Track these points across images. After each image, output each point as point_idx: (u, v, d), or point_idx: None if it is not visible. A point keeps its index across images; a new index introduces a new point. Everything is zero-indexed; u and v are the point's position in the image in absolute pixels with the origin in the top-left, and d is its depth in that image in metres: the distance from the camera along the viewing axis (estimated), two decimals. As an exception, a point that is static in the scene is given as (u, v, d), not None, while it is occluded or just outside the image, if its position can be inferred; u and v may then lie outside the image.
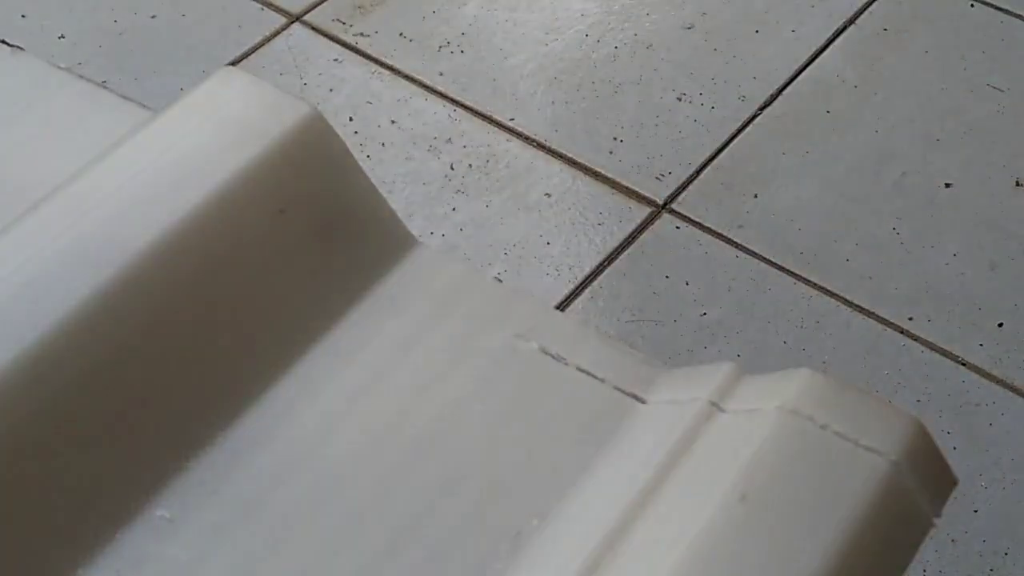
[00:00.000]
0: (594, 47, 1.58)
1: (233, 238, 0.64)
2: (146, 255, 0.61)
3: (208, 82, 0.69)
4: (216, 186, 0.64)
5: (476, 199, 1.41)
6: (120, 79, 1.53)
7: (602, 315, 1.31)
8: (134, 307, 0.61)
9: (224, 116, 0.68)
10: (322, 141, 0.68)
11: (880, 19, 1.62)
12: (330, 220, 0.69)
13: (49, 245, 0.61)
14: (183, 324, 0.63)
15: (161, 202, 0.63)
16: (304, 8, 1.63)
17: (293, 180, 0.67)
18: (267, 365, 0.65)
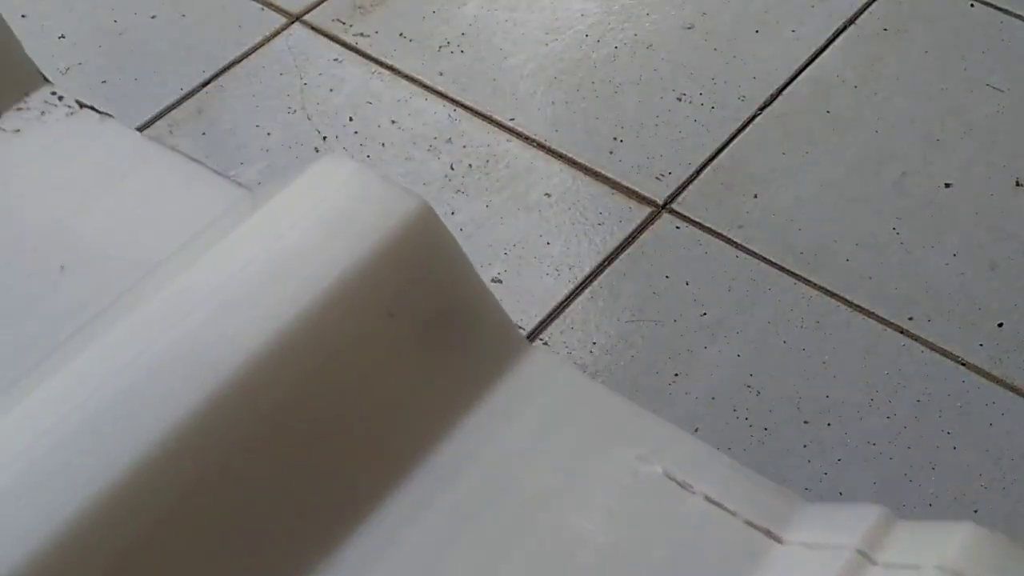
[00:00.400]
0: (594, 47, 1.58)
1: (340, 346, 0.59)
2: (248, 365, 0.57)
3: (313, 168, 0.65)
4: (324, 289, 0.59)
5: (476, 199, 1.40)
6: (120, 79, 1.53)
7: (602, 315, 1.31)
8: (232, 425, 0.57)
9: (331, 208, 0.63)
10: (434, 238, 0.64)
11: (880, 19, 1.62)
12: (440, 323, 0.64)
13: (152, 347, 0.58)
14: (285, 443, 0.59)
15: (267, 305, 0.59)
16: (304, 8, 1.63)
17: (404, 281, 0.63)
18: (372, 483, 0.60)
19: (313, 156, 1.44)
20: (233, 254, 0.62)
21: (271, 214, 0.63)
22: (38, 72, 0.79)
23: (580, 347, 1.27)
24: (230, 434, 0.57)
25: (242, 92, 1.53)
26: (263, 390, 0.58)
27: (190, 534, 0.55)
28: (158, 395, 0.56)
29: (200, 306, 0.59)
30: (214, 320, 0.58)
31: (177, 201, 0.71)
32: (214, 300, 0.59)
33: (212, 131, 1.48)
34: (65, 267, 0.68)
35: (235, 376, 0.57)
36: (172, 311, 0.59)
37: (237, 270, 0.60)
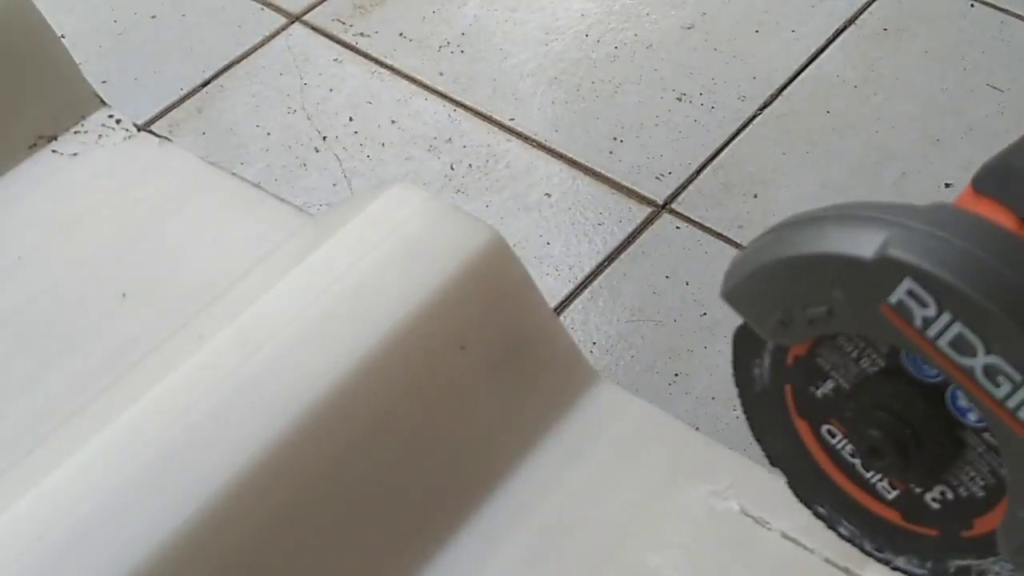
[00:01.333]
0: (594, 47, 1.58)
1: (413, 380, 0.58)
2: (322, 400, 0.56)
3: (382, 197, 0.64)
4: (397, 322, 0.58)
5: (476, 199, 1.40)
6: (120, 79, 1.53)
7: (602, 315, 1.31)
8: (305, 461, 0.56)
9: (402, 239, 0.62)
10: (505, 269, 0.63)
11: (880, 19, 1.62)
12: (510, 355, 0.63)
13: (226, 381, 0.57)
14: (358, 479, 0.57)
15: (339, 340, 0.58)
16: (304, 8, 1.63)
17: (476, 313, 0.62)
18: (445, 518, 0.59)
19: (313, 156, 1.44)
20: (304, 286, 0.61)
21: (342, 244, 0.62)
22: (95, 95, 0.78)
23: (580, 347, 1.27)
24: (303, 470, 0.56)
25: (242, 92, 1.53)
26: (337, 426, 0.57)
27: (263, 570, 0.55)
28: (232, 431, 0.55)
29: (273, 339, 0.58)
30: (287, 354, 0.58)
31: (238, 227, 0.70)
32: (287, 333, 0.59)
33: (212, 131, 1.48)
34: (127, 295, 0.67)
35: (308, 412, 0.56)
36: (245, 343, 0.58)
37: (309, 303, 0.60)
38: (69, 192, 0.72)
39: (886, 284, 0.48)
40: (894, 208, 0.49)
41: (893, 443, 0.52)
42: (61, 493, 0.53)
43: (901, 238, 0.47)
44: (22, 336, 0.65)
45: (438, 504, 0.59)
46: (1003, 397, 0.47)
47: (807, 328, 0.53)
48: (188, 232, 0.69)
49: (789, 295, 0.52)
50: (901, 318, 0.48)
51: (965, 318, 0.46)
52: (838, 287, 0.50)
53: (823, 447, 0.59)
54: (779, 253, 0.52)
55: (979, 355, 0.47)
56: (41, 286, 0.67)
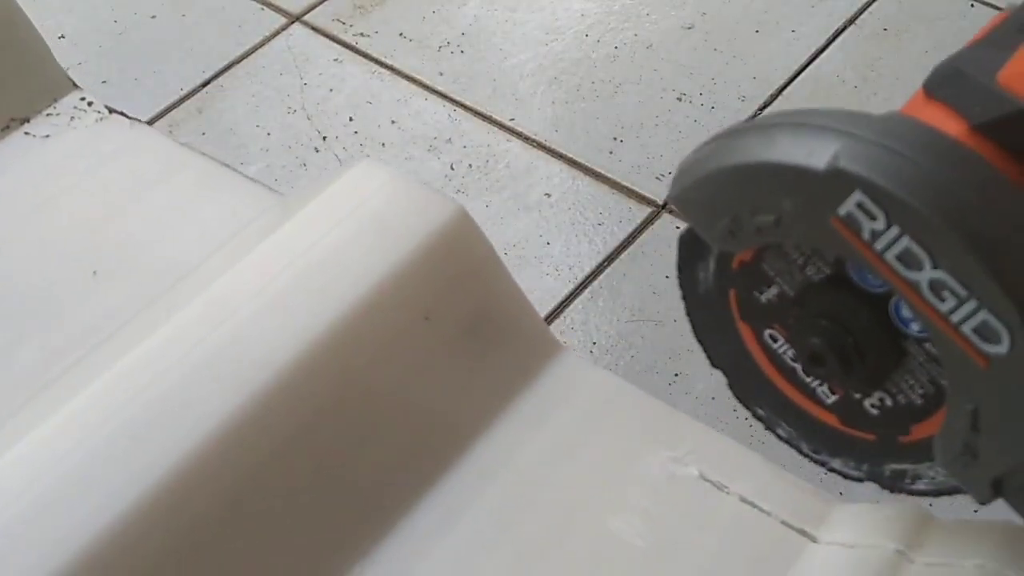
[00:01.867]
0: (594, 47, 1.58)
1: (376, 351, 0.59)
2: (285, 370, 0.57)
3: (348, 174, 0.65)
4: (360, 294, 0.59)
5: (476, 199, 1.41)
6: (120, 79, 1.53)
7: (602, 315, 1.31)
8: (269, 429, 0.57)
9: (366, 213, 0.63)
10: (469, 242, 0.64)
11: (880, 19, 1.62)
12: (474, 326, 0.64)
13: (190, 353, 0.58)
14: (321, 447, 0.58)
15: (303, 311, 0.58)
16: (304, 8, 1.63)
17: (439, 285, 0.63)
18: (408, 486, 0.60)
19: (313, 156, 1.44)
20: (269, 260, 0.62)
21: (307, 220, 0.63)
22: (67, 77, 0.79)
23: (580, 347, 1.27)
24: (267, 439, 0.57)
25: (242, 92, 1.53)
26: (300, 395, 0.58)
27: (228, 538, 0.56)
28: (196, 400, 0.56)
29: (237, 312, 0.59)
30: (250, 326, 0.59)
31: (209, 206, 0.71)
32: (251, 306, 0.60)
33: (212, 131, 1.48)
34: (98, 272, 0.68)
35: (272, 381, 0.57)
36: (209, 317, 0.59)
37: (273, 276, 0.61)
38: (41, 173, 0.73)
39: (836, 196, 0.47)
40: (847, 117, 0.48)
41: (835, 351, 0.52)
42: (15, 468, 0.54)
43: (852, 150, 0.47)
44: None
45: (402, 472, 0.60)
46: (947, 311, 0.47)
47: (754, 236, 0.52)
48: (159, 211, 0.70)
49: (738, 202, 0.52)
50: (850, 230, 0.48)
51: (914, 232, 0.46)
52: (788, 196, 0.49)
53: (765, 351, 0.59)
54: (729, 160, 0.51)
55: (925, 269, 0.47)
56: (13, 264, 0.68)
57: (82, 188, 0.72)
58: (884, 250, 0.47)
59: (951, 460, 0.51)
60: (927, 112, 0.51)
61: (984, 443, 0.49)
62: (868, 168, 0.46)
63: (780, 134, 0.50)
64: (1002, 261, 0.45)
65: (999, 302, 0.45)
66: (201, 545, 0.55)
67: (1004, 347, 0.46)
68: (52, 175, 0.72)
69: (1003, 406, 0.47)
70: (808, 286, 0.53)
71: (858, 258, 0.49)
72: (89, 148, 0.74)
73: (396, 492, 0.59)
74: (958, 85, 0.50)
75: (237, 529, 0.55)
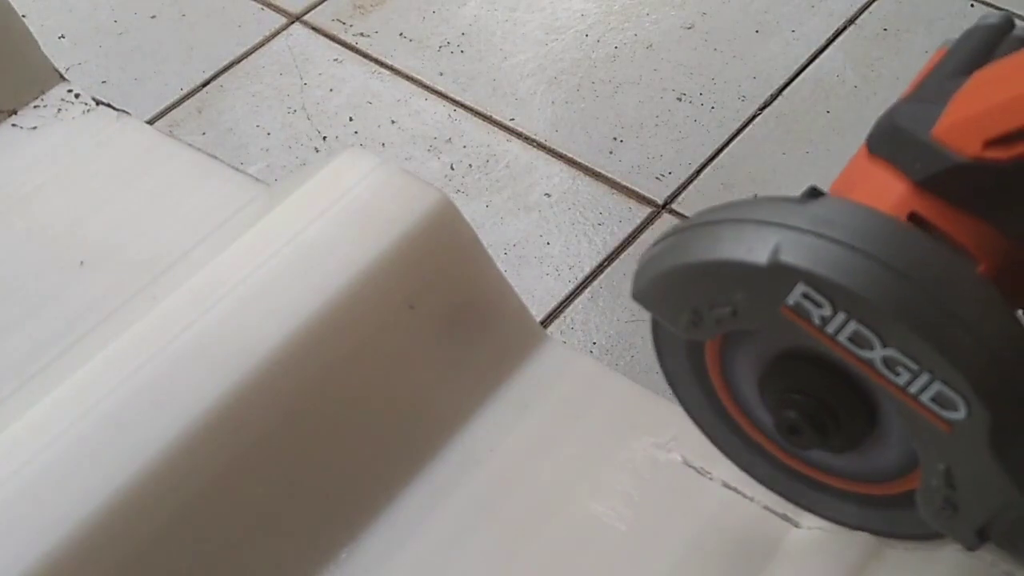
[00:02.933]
0: (594, 47, 1.58)
1: (362, 338, 0.60)
2: (271, 357, 0.57)
3: (334, 163, 0.65)
4: (346, 282, 0.59)
5: (476, 199, 1.40)
6: (120, 79, 1.53)
7: (602, 315, 1.31)
8: (255, 416, 0.56)
9: (352, 202, 0.63)
10: (453, 230, 0.64)
11: (880, 19, 1.62)
12: (459, 314, 0.65)
13: (175, 341, 0.58)
14: (308, 433, 0.59)
15: (289, 299, 0.59)
16: (304, 8, 1.63)
17: (424, 273, 0.63)
18: (393, 472, 0.61)
19: (313, 156, 1.44)
20: (255, 248, 0.62)
21: (292, 209, 0.64)
22: (54, 70, 0.80)
23: (580, 347, 1.27)
24: (253, 425, 0.57)
25: (242, 92, 1.53)
26: (286, 382, 0.58)
27: (214, 523, 0.56)
28: (181, 388, 0.57)
29: (223, 300, 0.60)
30: (237, 313, 0.59)
31: (196, 196, 0.72)
32: (237, 294, 0.60)
33: (212, 131, 1.48)
34: (85, 262, 0.68)
35: (257, 369, 0.57)
36: (195, 305, 0.60)
37: (259, 264, 0.61)
38: (29, 164, 0.73)
39: (782, 288, 0.49)
40: (784, 208, 0.50)
41: (810, 422, 0.53)
42: (5, 451, 0.54)
43: (791, 243, 0.48)
44: (-17, 301, 0.66)
45: (388, 458, 0.61)
46: (904, 384, 0.48)
47: (715, 326, 0.54)
48: (145, 201, 0.71)
49: (694, 297, 0.54)
50: (801, 317, 0.49)
51: (859, 317, 0.48)
52: (738, 290, 0.51)
53: (747, 417, 0.60)
54: (680, 259, 0.53)
55: (876, 349, 0.48)
56: (1, 254, 0.68)
57: (69, 179, 0.72)
58: (836, 333, 0.49)
59: (934, 514, 0.53)
60: (871, 171, 0.52)
61: (962, 497, 0.50)
62: (807, 259, 0.48)
63: (723, 231, 0.51)
64: (946, 334, 0.46)
65: (949, 374, 0.46)
66: (188, 530, 0.55)
67: (962, 413, 0.47)
68: (39, 166, 0.73)
69: (972, 465, 0.48)
70: (777, 360, 0.55)
71: (814, 341, 0.50)
72: (76, 139, 0.75)
73: (382, 478, 0.60)
74: (897, 142, 0.51)
75: (223, 515, 0.56)
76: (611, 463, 0.61)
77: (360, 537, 0.59)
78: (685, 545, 0.59)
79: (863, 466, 0.56)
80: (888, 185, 0.51)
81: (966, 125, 0.49)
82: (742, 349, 0.57)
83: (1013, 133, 0.48)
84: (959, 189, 0.50)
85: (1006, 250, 0.50)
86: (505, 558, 0.59)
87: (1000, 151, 0.48)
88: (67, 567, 0.52)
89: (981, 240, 0.50)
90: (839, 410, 0.53)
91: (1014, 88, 0.49)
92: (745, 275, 0.50)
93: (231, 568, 0.56)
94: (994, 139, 0.48)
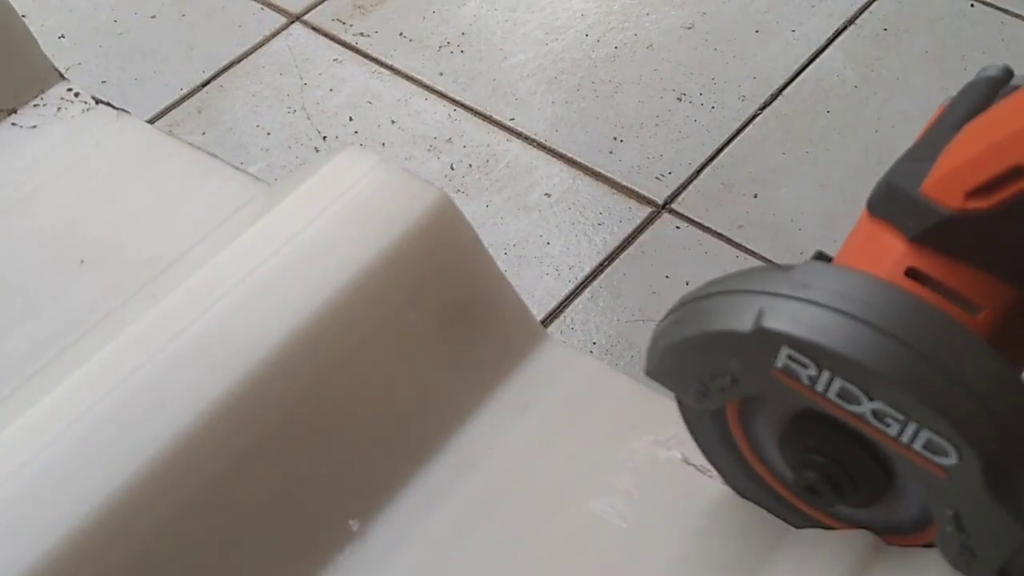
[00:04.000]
0: (594, 47, 1.58)
1: (361, 336, 0.60)
2: (271, 356, 0.57)
3: (334, 162, 0.65)
4: (346, 280, 0.59)
5: (476, 199, 1.40)
6: (120, 79, 1.53)
7: (602, 315, 1.31)
8: (255, 415, 0.56)
9: (352, 200, 0.63)
10: (453, 229, 0.64)
11: (880, 19, 1.62)
12: (459, 313, 0.65)
13: (176, 340, 0.58)
14: (307, 433, 0.59)
15: (289, 297, 0.59)
16: (304, 8, 1.63)
17: (424, 272, 0.63)
18: (394, 471, 0.61)
19: (313, 156, 1.44)
20: (255, 247, 0.62)
21: (292, 207, 0.64)
22: (54, 68, 0.80)
23: (580, 347, 1.27)
24: (252, 425, 0.57)
25: (242, 92, 1.53)
26: (285, 381, 0.58)
27: (214, 522, 0.56)
28: (181, 387, 0.57)
29: (223, 299, 0.60)
30: (237, 313, 0.59)
31: (196, 195, 0.72)
32: (237, 293, 0.60)
33: (212, 131, 1.48)
34: (85, 261, 0.68)
35: (258, 367, 0.58)
36: (195, 304, 0.60)
37: (259, 263, 0.61)
38: (29, 163, 0.73)
39: (769, 352, 0.51)
40: (769, 276, 0.52)
41: (828, 483, 0.55)
42: (5, 451, 0.54)
43: (773, 308, 0.50)
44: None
45: (387, 457, 0.61)
46: (896, 435, 0.49)
47: (721, 395, 0.56)
48: (146, 200, 0.71)
49: (697, 369, 0.56)
50: (791, 378, 0.51)
51: (842, 373, 0.49)
52: (732, 359, 0.53)
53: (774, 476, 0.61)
54: (680, 333, 0.56)
55: (864, 403, 0.49)
56: (1, 254, 0.68)
57: (69, 178, 0.72)
58: (825, 391, 0.50)
59: (955, 560, 0.53)
60: (872, 232, 0.56)
61: (975, 542, 0.51)
62: (788, 323, 0.50)
63: (717, 303, 0.54)
64: (925, 382, 0.47)
65: (934, 421, 0.47)
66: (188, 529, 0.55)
67: (953, 459, 0.48)
68: (39, 165, 0.73)
69: (975, 508, 0.49)
70: (792, 422, 0.56)
71: (808, 401, 0.51)
72: (76, 138, 0.75)
73: (381, 477, 0.60)
74: (892, 201, 0.54)
75: (223, 514, 0.56)
76: (611, 462, 0.61)
77: (360, 536, 0.59)
78: (685, 543, 0.59)
79: (889, 519, 0.57)
80: (887, 244, 0.54)
81: (949, 178, 0.51)
82: (760, 414, 0.58)
83: (991, 182, 0.50)
84: (950, 241, 0.52)
85: (1010, 296, 0.52)
86: (505, 557, 0.59)
87: (980, 201, 0.50)
88: (67, 567, 0.52)
89: (981, 288, 0.52)
90: (853, 468, 0.54)
91: (989, 137, 0.51)
92: (736, 343, 0.52)
93: (231, 568, 0.56)
94: (974, 189, 0.50)
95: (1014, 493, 0.48)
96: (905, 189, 0.53)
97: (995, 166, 0.49)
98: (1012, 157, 0.49)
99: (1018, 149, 0.49)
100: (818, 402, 0.51)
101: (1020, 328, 0.52)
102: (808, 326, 0.49)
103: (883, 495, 0.55)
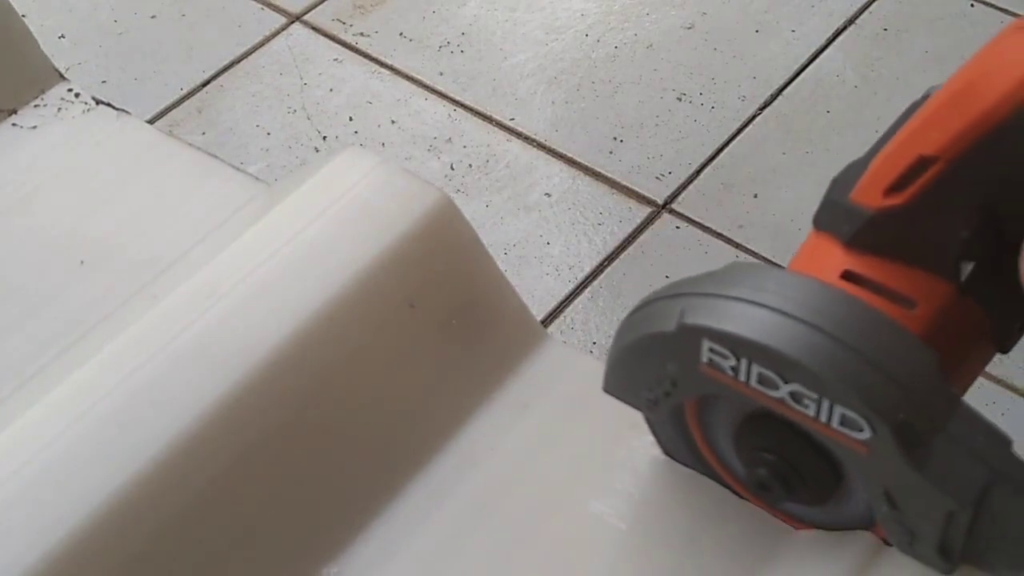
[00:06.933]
0: (594, 47, 1.58)
1: (361, 337, 0.60)
2: (271, 357, 0.57)
3: (334, 162, 0.65)
4: (345, 281, 0.59)
5: (476, 199, 1.40)
6: (120, 79, 1.53)
7: (602, 315, 1.31)
8: (255, 416, 0.56)
9: (352, 201, 0.63)
10: (454, 229, 0.64)
11: (880, 19, 1.62)
12: (459, 313, 0.65)
13: (175, 340, 0.58)
14: (307, 433, 0.59)
15: (288, 298, 0.59)
16: (304, 8, 1.63)
17: (424, 272, 0.63)
18: (393, 472, 0.61)
19: (313, 156, 1.44)
20: (255, 247, 0.62)
21: (293, 207, 0.64)
22: (54, 69, 0.80)
23: (580, 347, 1.27)
24: (253, 425, 0.57)
25: (242, 92, 1.53)
26: (286, 381, 0.58)
27: (215, 522, 0.56)
28: (181, 388, 0.56)
29: (223, 299, 0.60)
30: (237, 313, 0.59)
31: (196, 195, 0.72)
32: (237, 293, 0.60)
33: (212, 131, 1.48)
34: (85, 262, 0.68)
35: (258, 367, 0.58)
36: (196, 304, 0.60)
37: (259, 263, 0.61)
38: (29, 163, 0.73)
39: (693, 347, 0.53)
40: (697, 279, 0.54)
41: (779, 479, 0.55)
42: (5, 451, 0.54)
43: (692, 306, 0.53)
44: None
45: (387, 457, 0.61)
46: (815, 415, 0.51)
47: (667, 400, 0.57)
48: (146, 201, 0.71)
49: (641, 377, 0.58)
50: (716, 371, 0.53)
51: (757, 359, 0.51)
52: (668, 361, 0.55)
53: None
54: (620, 343, 0.57)
55: (781, 387, 0.51)
56: (1, 254, 0.68)
57: (69, 178, 0.72)
58: (746, 380, 0.52)
59: (902, 545, 0.54)
60: (814, 244, 0.58)
61: (909, 519, 0.52)
62: (705, 317, 0.52)
63: (650, 310, 0.55)
64: (832, 358, 0.49)
65: (842, 395, 0.49)
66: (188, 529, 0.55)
67: (867, 432, 0.49)
68: (39, 165, 0.73)
69: (900, 482, 0.50)
70: (743, 422, 0.57)
71: (736, 392, 0.53)
72: (76, 139, 0.75)
73: (381, 477, 0.60)
74: (829, 212, 0.58)
75: (223, 514, 0.56)
76: (611, 462, 0.61)
77: (360, 536, 0.59)
78: (685, 544, 0.59)
79: (839, 518, 0.58)
80: (826, 252, 0.57)
81: (869, 180, 0.54)
82: (715, 416, 0.59)
83: (902, 177, 0.53)
84: (878, 240, 0.54)
85: (944, 290, 0.53)
86: (505, 558, 0.59)
87: (896, 197, 0.53)
88: (67, 567, 0.52)
89: (914, 284, 0.53)
90: (800, 464, 0.55)
91: (900, 137, 0.54)
92: (664, 344, 0.54)
93: (231, 568, 0.56)
94: (889, 187, 0.53)
95: (933, 461, 0.49)
96: (837, 198, 0.57)
97: (903, 160, 0.53)
98: (916, 148, 0.53)
99: (921, 140, 0.53)
100: (741, 391, 0.52)
101: (957, 320, 0.53)
102: (723, 318, 0.51)
103: (832, 491, 0.56)
